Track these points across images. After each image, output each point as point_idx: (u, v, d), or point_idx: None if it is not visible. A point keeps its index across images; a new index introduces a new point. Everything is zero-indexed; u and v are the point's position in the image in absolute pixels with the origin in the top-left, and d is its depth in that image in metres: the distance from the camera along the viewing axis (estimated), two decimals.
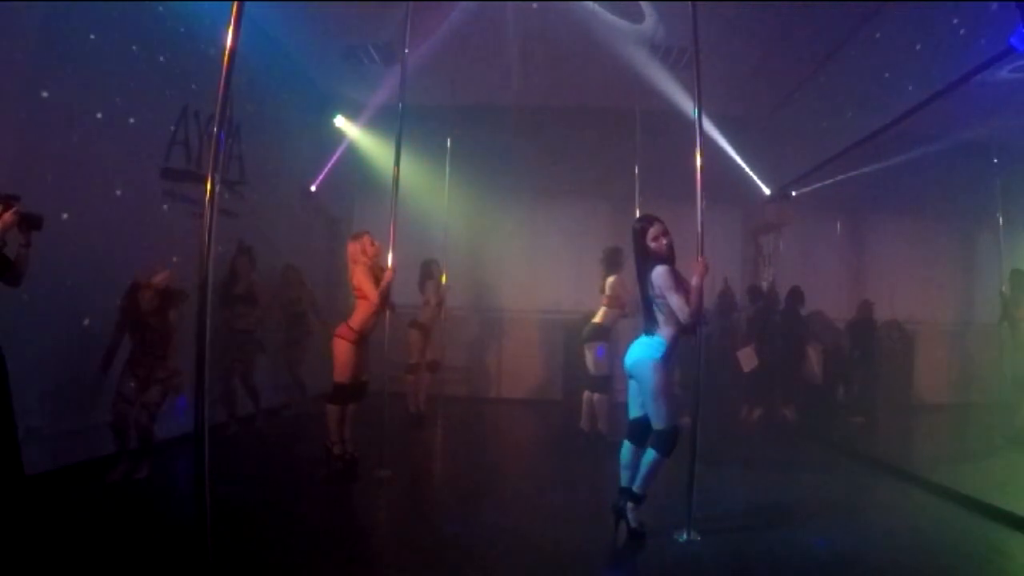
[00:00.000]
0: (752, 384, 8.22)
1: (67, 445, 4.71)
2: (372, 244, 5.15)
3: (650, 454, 3.77)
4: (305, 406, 7.46)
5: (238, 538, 3.50)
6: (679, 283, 3.77)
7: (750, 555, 3.68)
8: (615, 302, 6.38)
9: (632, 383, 3.94)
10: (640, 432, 3.90)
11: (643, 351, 3.81)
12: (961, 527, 4.29)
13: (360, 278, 5.04)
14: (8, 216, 3.41)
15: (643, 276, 3.85)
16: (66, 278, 4.64)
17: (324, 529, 4.02)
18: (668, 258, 3.84)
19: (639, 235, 3.90)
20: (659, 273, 3.74)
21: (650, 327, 3.85)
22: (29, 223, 3.52)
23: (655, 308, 3.82)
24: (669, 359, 3.78)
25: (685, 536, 3.84)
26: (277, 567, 3.33)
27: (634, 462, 3.90)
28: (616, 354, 6.23)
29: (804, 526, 4.20)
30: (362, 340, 5.07)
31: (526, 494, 4.98)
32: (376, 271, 5.13)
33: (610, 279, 6.42)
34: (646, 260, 3.86)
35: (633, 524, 3.82)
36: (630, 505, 3.86)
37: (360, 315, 5.06)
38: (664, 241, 3.85)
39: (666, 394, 3.74)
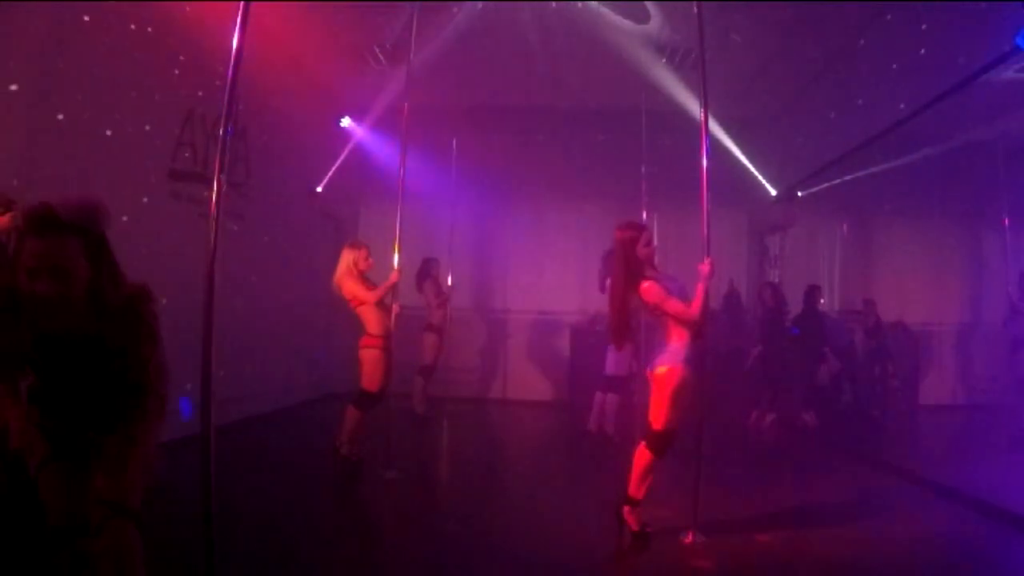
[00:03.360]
0: (759, 388, 8.13)
1: None
2: (366, 259, 5.19)
3: (643, 454, 3.75)
4: None
5: (243, 539, 3.51)
6: (669, 290, 3.75)
7: (755, 557, 3.68)
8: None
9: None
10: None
11: (664, 358, 3.77)
12: (968, 529, 4.28)
13: (355, 287, 5.07)
14: (4, 219, 3.38)
15: (626, 289, 3.80)
16: None
17: (331, 530, 4.03)
18: (651, 264, 3.83)
19: (629, 243, 3.81)
20: (649, 290, 3.71)
21: (664, 337, 3.84)
22: None
23: (658, 320, 3.85)
24: (688, 364, 3.73)
25: (690, 538, 3.83)
26: (283, 568, 3.34)
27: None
28: (631, 356, 6.25)
29: (810, 528, 4.18)
30: (388, 344, 5.09)
31: (532, 495, 4.98)
32: (363, 281, 5.15)
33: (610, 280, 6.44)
34: (631, 270, 3.79)
35: (635, 526, 3.81)
36: (627, 508, 3.84)
37: (372, 319, 5.08)
38: (651, 247, 3.85)
39: (675, 401, 3.69)
